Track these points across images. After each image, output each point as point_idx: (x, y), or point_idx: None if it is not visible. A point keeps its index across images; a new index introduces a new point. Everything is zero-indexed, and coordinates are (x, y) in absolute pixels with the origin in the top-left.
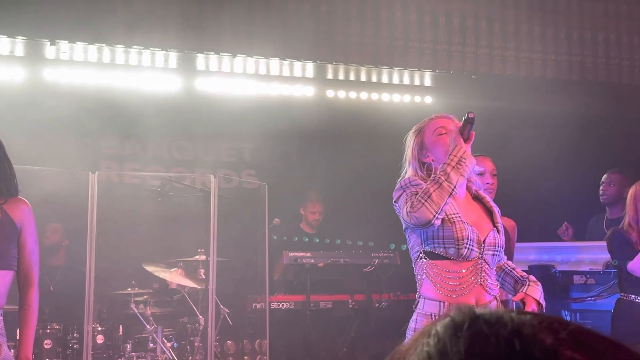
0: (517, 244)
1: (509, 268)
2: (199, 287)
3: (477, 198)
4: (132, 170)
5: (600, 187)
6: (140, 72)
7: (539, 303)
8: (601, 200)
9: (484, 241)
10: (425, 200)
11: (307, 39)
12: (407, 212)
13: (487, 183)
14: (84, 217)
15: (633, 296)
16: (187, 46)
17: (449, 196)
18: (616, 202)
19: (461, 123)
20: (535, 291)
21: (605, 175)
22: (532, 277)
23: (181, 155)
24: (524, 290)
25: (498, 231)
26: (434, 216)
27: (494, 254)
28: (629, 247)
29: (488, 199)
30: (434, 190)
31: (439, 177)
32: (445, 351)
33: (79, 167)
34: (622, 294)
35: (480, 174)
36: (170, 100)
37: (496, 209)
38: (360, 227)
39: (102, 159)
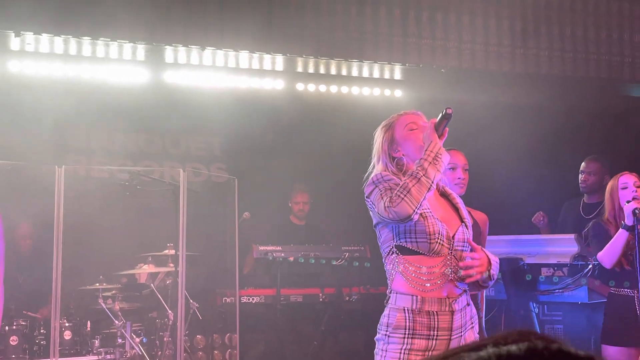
0: (488, 237)
1: None
2: (169, 273)
3: (444, 194)
4: (100, 163)
5: (581, 177)
6: (108, 65)
7: (488, 260)
8: (581, 189)
9: (453, 236)
10: (405, 195)
11: (277, 32)
12: (385, 207)
13: (459, 178)
14: (51, 211)
15: (621, 289)
16: (155, 38)
17: (428, 191)
18: (597, 189)
19: (437, 118)
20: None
21: (583, 164)
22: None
23: (150, 149)
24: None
25: (466, 226)
26: (414, 211)
27: (463, 249)
28: (606, 239)
29: (454, 195)
30: (413, 185)
31: (417, 173)
32: None
33: (45, 161)
34: (612, 288)
35: (452, 169)
36: (138, 93)
37: (462, 205)
38: (331, 220)
39: (68, 152)
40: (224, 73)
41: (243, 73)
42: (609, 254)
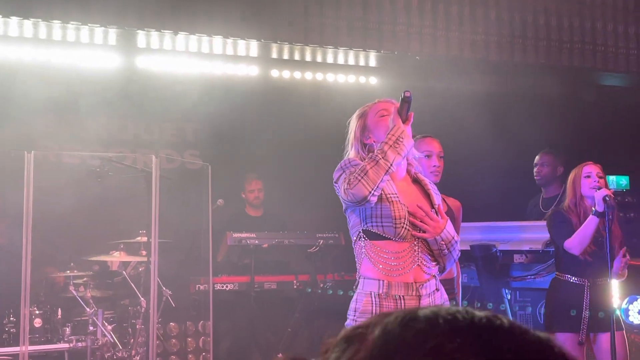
0: (462, 224)
1: None
2: (143, 261)
3: (416, 181)
4: (71, 149)
5: (534, 169)
6: (79, 49)
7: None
8: (536, 181)
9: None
10: (362, 177)
11: (251, 18)
12: (344, 189)
13: (434, 165)
14: (20, 197)
15: (568, 276)
16: (127, 23)
17: (385, 173)
18: (551, 181)
19: (399, 103)
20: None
21: (537, 157)
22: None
23: (121, 135)
24: None
25: (436, 213)
26: (370, 192)
27: (435, 243)
28: (568, 227)
29: (427, 181)
30: (371, 168)
31: (376, 155)
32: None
33: (14, 147)
34: (558, 273)
35: (428, 156)
36: (110, 78)
37: (434, 191)
38: (305, 207)
39: (38, 138)
40: (197, 58)
41: (217, 59)
42: (579, 241)
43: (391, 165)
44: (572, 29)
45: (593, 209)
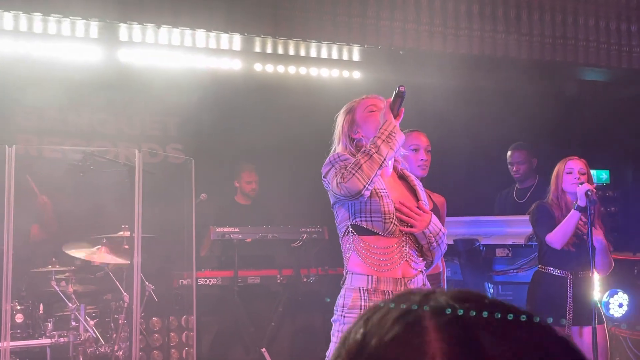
0: (446, 219)
1: None
2: (123, 263)
3: (402, 177)
4: (52, 143)
5: (511, 168)
6: (60, 42)
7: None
8: (515, 178)
9: None
10: (356, 171)
11: (235, 11)
12: (337, 184)
13: (422, 159)
14: (1, 192)
15: (551, 268)
16: (109, 15)
17: (379, 168)
18: (528, 175)
19: (392, 98)
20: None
21: (509, 154)
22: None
23: (104, 129)
24: None
25: (419, 208)
26: (364, 187)
27: (424, 237)
28: (551, 220)
29: (412, 177)
30: (365, 162)
31: (370, 150)
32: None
33: None
34: (540, 266)
35: (415, 150)
36: (91, 72)
37: (419, 187)
38: (290, 201)
39: (19, 132)
40: (180, 52)
41: (200, 52)
42: (561, 235)
43: (385, 159)
44: (554, 24)
45: (575, 203)
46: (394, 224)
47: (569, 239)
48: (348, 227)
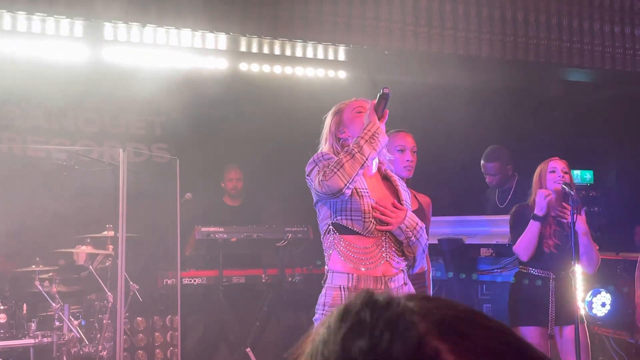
0: (432, 218)
1: None
2: (108, 255)
3: (386, 178)
4: (36, 142)
5: (486, 178)
6: (44, 41)
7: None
8: (490, 186)
9: None
10: (338, 170)
11: (220, 10)
12: (319, 182)
13: (407, 160)
14: None
15: (531, 269)
16: (93, 14)
17: (361, 167)
18: (504, 182)
19: (376, 99)
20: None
21: (482, 163)
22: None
23: (88, 128)
24: None
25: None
26: (345, 185)
27: (401, 233)
28: (525, 226)
29: (395, 178)
30: (347, 161)
31: (352, 149)
32: (327, 342)
33: None
34: (521, 267)
35: (401, 151)
36: (76, 71)
37: (401, 187)
38: (275, 201)
39: (3, 130)
40: (165, 51)
41: (185, 51)
42: (524, 247)
43: (367, 159)
44: (538, 25)
45: (533, 213)
46: (373, 223)
47: (544, 243)
48: (329, 225)
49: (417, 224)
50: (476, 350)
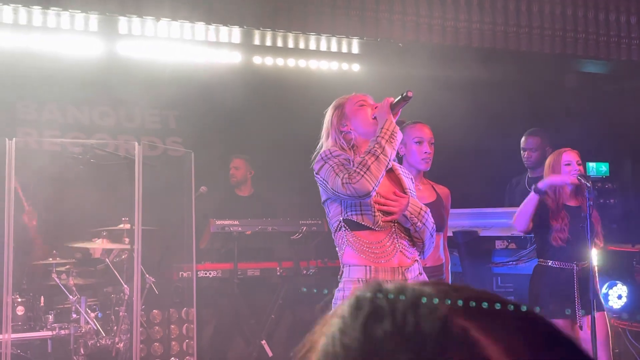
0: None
1: None
2: (125, 249)
3: (390, 170)
4: (52, 136)
5: (523, 154)
6: (59, 35)
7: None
8: (526, 165)
9: None
10: (365, 172)
11: (234, 4)
12: (343, 184)
13: (425, 152)
14: (1, 185)
15: (550, 262)
16: (108, 8)
17: (385, 168)
18: (540, 163)
19: (395, 99)
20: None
21: (523, 140)
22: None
23: (103, 122)
24: None
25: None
26: (373, 188)
27: (407, 220)
28: (544, 212)
29: (397, 166)
30: (372, 163)
31: (375, 150)
32: (345, 330)
33: None
34: (541, 260)
35: (419, 143)
36: (91, 65)
37: (404, 175)
38: (290, 194)
39: (19, 125)
40: (179, 45)
41: (199, 45)
42: (517, 216)
43: (389, 159)
44: (553, 16)
45: (535, 186)
46: (379, 215)
47: (560, 234)
48: (340, 222)
49: (420, 208)
50: (504, 328)
